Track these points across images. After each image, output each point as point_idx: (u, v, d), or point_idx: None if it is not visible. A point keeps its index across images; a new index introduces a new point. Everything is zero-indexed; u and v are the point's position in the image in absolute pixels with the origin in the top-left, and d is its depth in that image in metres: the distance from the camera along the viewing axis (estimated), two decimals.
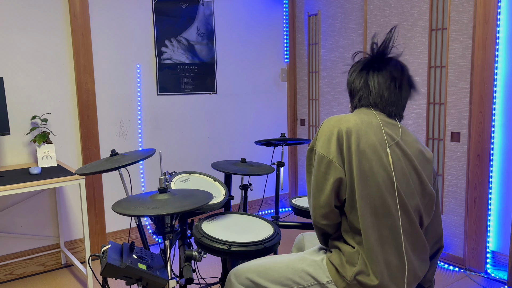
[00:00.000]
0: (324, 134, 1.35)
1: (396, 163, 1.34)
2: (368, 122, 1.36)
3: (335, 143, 1.32)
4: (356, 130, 1.32)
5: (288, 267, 1.43)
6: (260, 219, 1.93)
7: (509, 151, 2.63)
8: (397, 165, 1.34)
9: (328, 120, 1.38)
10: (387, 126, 1.39)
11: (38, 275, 2.85)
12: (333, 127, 1.34)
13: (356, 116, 1.38)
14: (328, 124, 1.36)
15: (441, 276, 2.74)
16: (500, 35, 2.59)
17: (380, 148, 1.33)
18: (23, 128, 2.78)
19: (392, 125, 1.40)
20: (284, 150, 2.75)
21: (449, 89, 2.82)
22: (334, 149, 1.32)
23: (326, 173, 1.32)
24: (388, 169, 1.32)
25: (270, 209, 4.05)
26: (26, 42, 2.75)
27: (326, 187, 1.32)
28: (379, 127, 1.37)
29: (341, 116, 1.38)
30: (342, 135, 1.32)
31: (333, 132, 1.33)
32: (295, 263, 1.43)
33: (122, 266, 1.39)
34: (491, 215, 2.72)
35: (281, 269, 1.43)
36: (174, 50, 3.35)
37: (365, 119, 1.37)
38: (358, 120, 1.36)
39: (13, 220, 2.79)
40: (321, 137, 1.36)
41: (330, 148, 1.32)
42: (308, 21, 3.87)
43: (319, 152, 1.34)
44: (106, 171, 1.87)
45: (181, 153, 3.48)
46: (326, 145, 1.33)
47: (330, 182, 1.31)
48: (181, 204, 1.47)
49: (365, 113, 1.40)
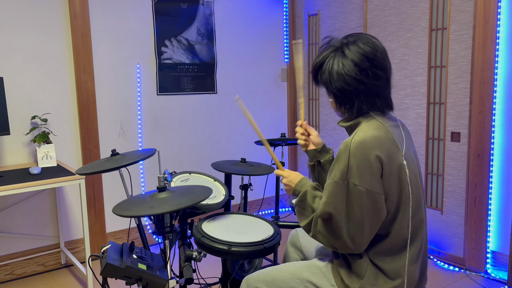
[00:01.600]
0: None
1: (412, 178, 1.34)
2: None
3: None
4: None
5: (294, 276, 1.43)
6: (260, 219, 1.93)
7: (509, 151, 2.63)
8: (412, 180, 1.34)
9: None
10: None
11: (38, 275, 2.85)
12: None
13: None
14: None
15: (441, 276, 2.74)
16: (500, 35, 2.59)
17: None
18: (23, 128, 2.78)
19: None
20: (284, 150, 2.75)
21: (449, 89, 2.82)
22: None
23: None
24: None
25: (270, 209, 4.05)
26: (26, 42, 2.75)
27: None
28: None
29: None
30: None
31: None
32: (301, 272, 1.44)
33: (122, 266, 1.39)
34: (491, 215, 2.72)
35: (287, 278, 1.44)
36: (174, 50, 3.35)
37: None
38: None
39: (13, 220, 2.79)
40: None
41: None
42: (308, 21, 3.87)
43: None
44: (106, 171, 1.87)
45: (181, 153, 3.48)
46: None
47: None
48: (178, 202, 1.47)
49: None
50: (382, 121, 1.32)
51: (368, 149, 1.23)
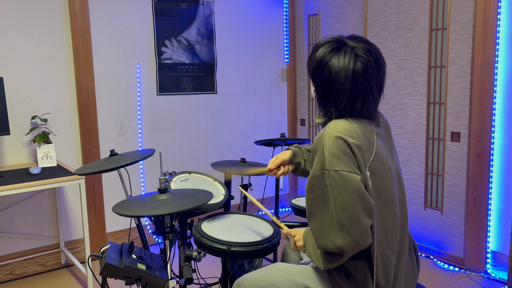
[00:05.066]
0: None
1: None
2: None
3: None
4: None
5: (289, 281, 1.38)
6: (260, 219, 1.93)
7: (509, 151, 2.63)
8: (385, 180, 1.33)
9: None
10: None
11: (38, 275, 2.85)
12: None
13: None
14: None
15: (441, 276, 2.74)
16: (500, 35, 2.58)
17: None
18: (23, 128, 2.78)
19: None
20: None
21: (449, 89, 2.82)
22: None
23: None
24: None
25: (270, 209, 4.05)
26: (26, 42, 2.75)
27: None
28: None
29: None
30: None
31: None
32: (296, 277, 1.39)
33: (121, 266, 1.39)
34: (491, 215, 2.72)
35: (282, 283, 1.38)
36: (174, 50, 3.35)
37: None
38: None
39: (13, 220, 2.80)
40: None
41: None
42: (308, 21, 3.87)
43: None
44: (105, 171, 1.87)
45: (181, 153, 3.48)
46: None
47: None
48: (179, 204, 1.47)
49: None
50: (355, 122, 1.30)
51: (340, 137, 1.23)
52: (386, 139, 1.39)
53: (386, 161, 1.32)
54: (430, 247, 3.02)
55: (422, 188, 3.04)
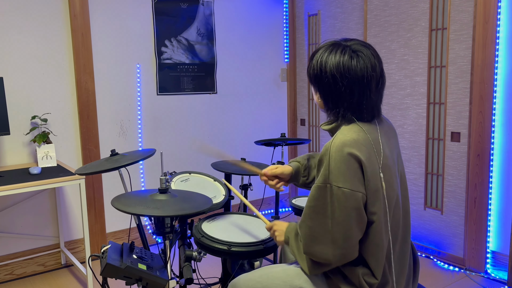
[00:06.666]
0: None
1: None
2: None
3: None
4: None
5: (286, 284, 1.37)
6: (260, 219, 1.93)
7: (509, 151, 2.63)
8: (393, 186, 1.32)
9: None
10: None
11: (38, 275, 2.85)
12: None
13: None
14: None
15: (441, 276, 2.74)
16: (500, 35, 2.58)
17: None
18: (23, 128, 2.78)
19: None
20: (284, 150, 2.75)
21: (449, 89, 2.82)
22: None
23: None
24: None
25: (270, 209, 4.05)
26: (26, 42, 2.75)
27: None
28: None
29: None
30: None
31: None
32: (293, 280, 1.38)
33: (122, 266, 1.39)
34: (491, 215, 2.72)
35: (279, 286, 1.37)
36: (174, 50, 3.35)
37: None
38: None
39: (13, 220, 2.79)
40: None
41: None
42: (308, 21, 3.87)
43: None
44: (106, 171, 1.87)
45: (181, 153, 3.48)
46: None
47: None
48: (181, 207, 1.48)
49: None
50: (363, 126, 1.30)
51: (347, 151, 1.22)
52: (393, 145, 1.38)
53: (393, 169, 1.32)
54: (430, 247, 3.02)
55: (422, 188, 3.04)
